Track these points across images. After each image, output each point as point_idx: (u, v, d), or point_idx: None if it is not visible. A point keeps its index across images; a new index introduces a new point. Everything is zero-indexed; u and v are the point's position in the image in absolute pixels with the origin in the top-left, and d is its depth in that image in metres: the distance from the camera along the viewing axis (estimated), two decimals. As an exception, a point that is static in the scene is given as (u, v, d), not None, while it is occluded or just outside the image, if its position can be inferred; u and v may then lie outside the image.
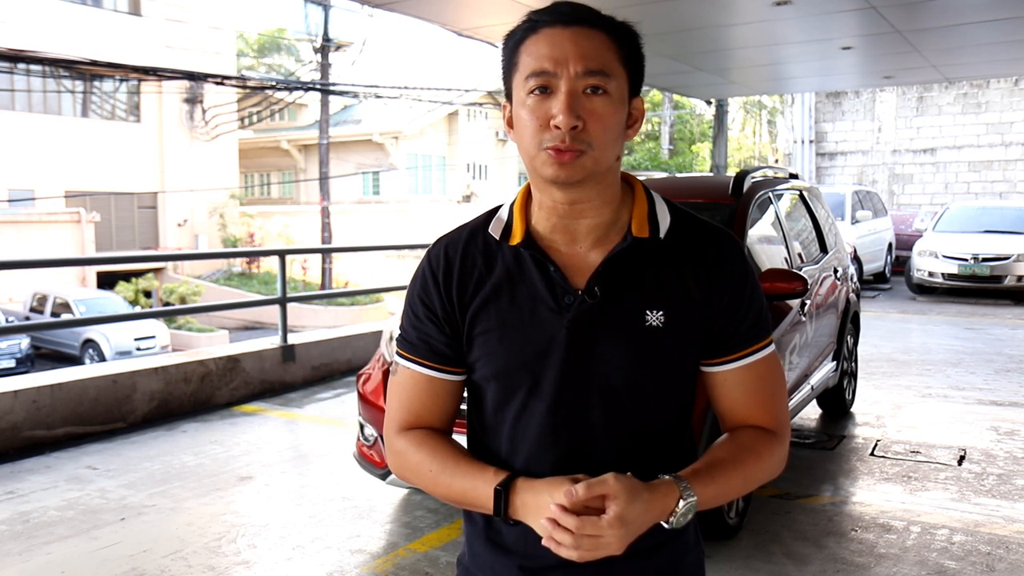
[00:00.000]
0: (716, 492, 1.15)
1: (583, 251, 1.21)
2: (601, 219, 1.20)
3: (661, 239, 1.21)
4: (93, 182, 24.10)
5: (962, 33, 8.20)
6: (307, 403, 6.08)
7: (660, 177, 5.70)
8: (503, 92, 1.22)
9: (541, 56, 1.12)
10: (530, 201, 1.25)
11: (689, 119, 31.51)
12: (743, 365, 1.23)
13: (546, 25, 1.14)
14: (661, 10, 7.17)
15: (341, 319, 19.66)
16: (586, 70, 1.11)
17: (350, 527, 3.76)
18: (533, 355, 1.19)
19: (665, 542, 1.22)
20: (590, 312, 1.18)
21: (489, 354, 1.21)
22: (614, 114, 1.14)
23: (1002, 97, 18.68)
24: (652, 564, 1.22)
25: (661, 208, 1.24)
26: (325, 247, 22.32)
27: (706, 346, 1.22)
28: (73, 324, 16.47)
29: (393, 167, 30.87)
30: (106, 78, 23.11)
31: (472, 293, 1.22)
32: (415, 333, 1.26)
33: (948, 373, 7.08)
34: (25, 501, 4.06)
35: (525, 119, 1.14)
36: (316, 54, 24.36)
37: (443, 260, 1.25)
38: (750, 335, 1.23)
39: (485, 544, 1.27)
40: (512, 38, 1.18)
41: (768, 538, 3.64)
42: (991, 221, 13.00)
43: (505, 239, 1.23)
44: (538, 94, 1.12)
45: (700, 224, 1.25)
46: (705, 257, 1.21)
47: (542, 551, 1.16)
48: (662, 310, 1.18)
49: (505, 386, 1.21)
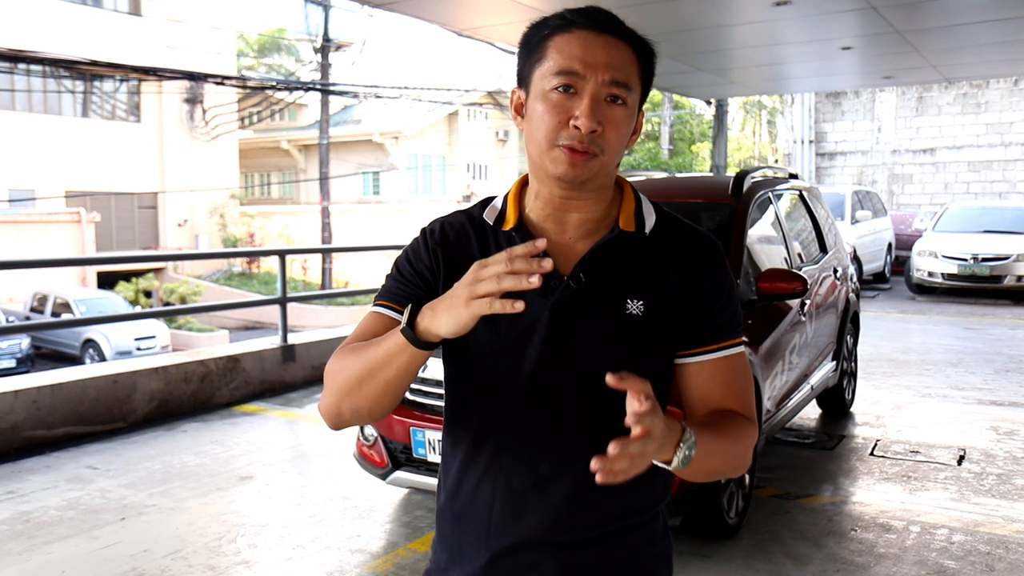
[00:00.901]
0: (708, 447, 1.12)
1: (572, 241, 1.25)
2: (593, 214, 1.25)
3: (646, 235, 1.26)
4: (93, 182, 24.10)
5: (962, 33, 8.20)
6: (307, 403, 6.08)
7: (660, 177, 5.70)
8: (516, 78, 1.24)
9: (573, 56, 1.16)
10: (524, 191, 1.30)
11: (689, 119, 31.50)
12: (718, 357, 1.26)
13: (580, 27, 1.18)
14: (661, 10, 7.17)
15: (341, 319, 19.67)
16: (612, 80, 1.16)
17: (350, 527, 3.77)
18: (516, 334, 1.22)
19: (626, 530, 1.25)
20: (574, 296, 1.22)
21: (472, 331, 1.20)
22: (627, 124, 1.20)
23: (1002, 97, 18.68)
24: (612, 551, 1.25)
25: (647, 207, 1.29)
26: (325, 247, 22.32)
27: (683, 338, 1.25)
28: (73, 324, 16.48)
29: (393, 167, 30.88)
30: (106, 78, 23.10)
31: (460, 267, 1.21)
32: (395, 285, 1.27)
33: (948, 373, 7.08)
34: (25, 501, 4.06)
35: (543, 112, 1.17)
36: (316, 54, 24.36)
37: (439, 232, 1.29)
38: (726, 330, 1.26)
39: (454, 525, 1.29)
40: (540, 29, 1.21)
41: (768, 538, 3.64)
42: (991, 221, 13.00)
43: (499, 224, 1.28)
44: (562, 92, 1.16)
45: (684, 226, 1.30)
46: (688, 256, 1.26)
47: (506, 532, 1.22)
48: (642, 300, 1.22)
49: (484, 362, 1.24)
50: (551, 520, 1.22)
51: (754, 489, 3.92)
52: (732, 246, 4.12)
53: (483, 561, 1.26)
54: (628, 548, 1.26)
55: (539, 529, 1.22)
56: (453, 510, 1.30)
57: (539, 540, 1.23)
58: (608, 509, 1.24)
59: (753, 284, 4.03)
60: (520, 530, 1.23)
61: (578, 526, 1.23)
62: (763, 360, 3.93)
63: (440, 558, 1.33)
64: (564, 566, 1.23)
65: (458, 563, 1.29)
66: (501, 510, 1.23)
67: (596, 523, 1.23)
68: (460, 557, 1.29)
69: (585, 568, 1.24)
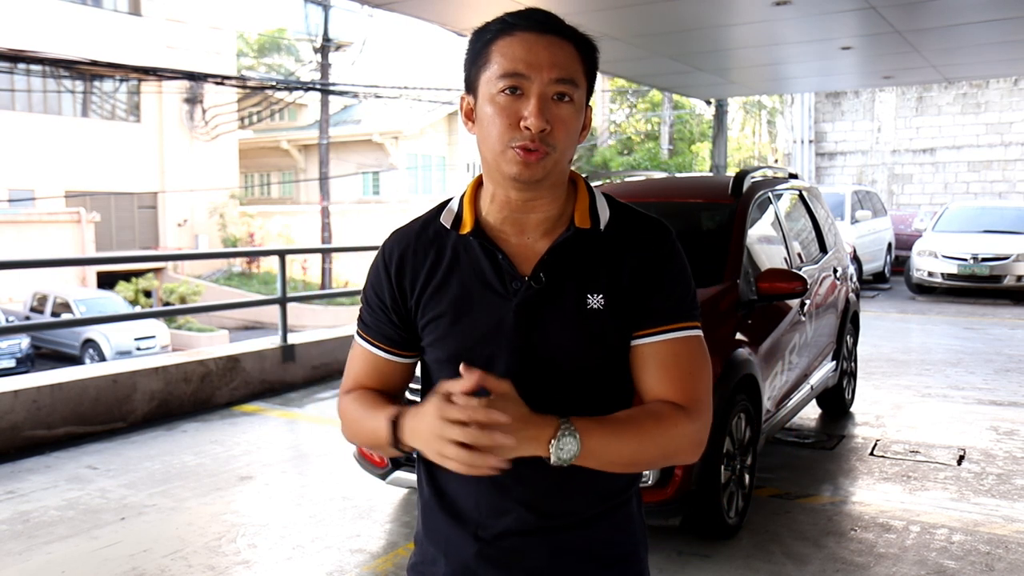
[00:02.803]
0: (603, 442, 1.16)
1: (531, 241, 1.28)
2: (550, 213, 1.28)
3: (601, 230, 1.28)
4: (93, 182, 24.10)
5: (962, 33, 8.20)
6: (307, 403, 6.08)
7: (660, 177, 5.70)
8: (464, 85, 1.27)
9: (516, 59, 1.18)
10: (479, 193, 1.32)
11: (689, 119, 31.48)
12: (662, 340, 1.26)
13: (522, 29, 1.20)
14: (661, 10, 7.17)
15: (341, 319, 19.66)
16: (558, 78, 1.18)
17: (350, 527, 3.77)
18: (483, 338, 1.25)
19: (605, 512, 1.30)
20: (536, 296, 1.25)
21: (441, 338, 1.28)
22: (576, 120, 1.22)
23: (1001, 97, 18.69)
24: (595, 532, 1.29)
25: (601, 203, 1.31)
26: (325, 247, 22.33)
27: (633, 321, 1.26)
28: (73, 324, 16.48)
29: (393, 167, 30.88)
30: (106, 78, 23.11)
31: (424, 282, 1.29)
32: (370, 318, 1.36)
33: (947, 373, 7.08)
34: (25, 501, 4.06)
35: (492, 116, 1.19)
36: (316, 54, 24.38)
37: (395, 253, 1.32)
38: (673, 313, 1.27)
39: (440, 515, 1.32)
40: (483, 35, 1.23)
41: (768, 538, 3.64)
42: (990, 221, 13.00)
43: (455, 228, 1.30)
44: (509, 94, 1.18)
45: (636, 216, 1.32)
46: (640, 244, 1.28)
47: (495, 521, 1.26)
48: (602, 294, 1.25)
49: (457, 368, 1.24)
50: (536, 509, 1.26)
51: (754, 489, 3.91)
52: (732, 246, 4.12)
53: (472, 551, 1.29)
54: (610, 528, 1.31)
55: (525, 518, 1.26)
56: (438, 504, 1.33)
57: (525, 528, 1.26)
58: (589, 493, 1.28)
59: (753, 284, 4.03)
60: (507, 521, 1.27)
61: (561, 512, 1.27)
62: (763, 360, 3.94)
63: (426, 551, 1.36)
64: (552, 551, 1.27)
65: (445, 555, 1.32)
66: (487, 503, 1.27)
67: (579, 507, 1.27)
68: (447, 548, 1.32)
69: (572, 550, 1.28)
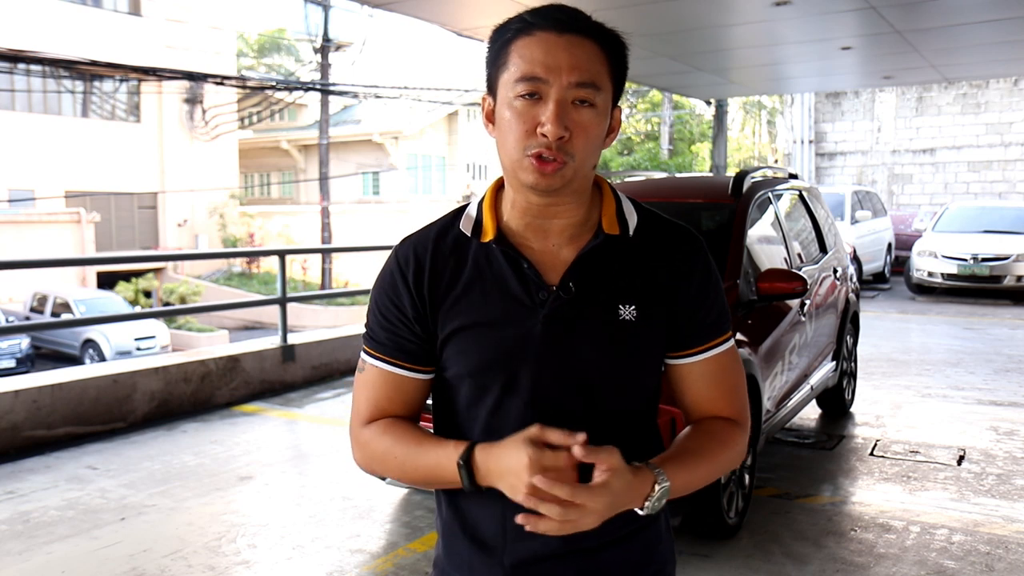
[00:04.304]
0: (686, 479, 1.17)
1: (555, 248, 1.22)
2: (574, 219, 1.22)
3: (630, 236, 1.23)
4: (93, 182, 24.10)
5: (962, 33, 8.20)
6: (307, 403, 6.08)
7: (660, 177, 5.70)
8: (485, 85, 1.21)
9: (534, 61, 1.12)
10: (500, 198, 1.25)
11: (689, 119, 31.49)
12: (708, 357, 1.25)
13: (541, 29, 1.13)
14: (661, 10, 7.17)
15: (341, 319, 19.65)
16: (578, 82, 1.12)
17: (350, 527, 3.77)
18: (508, 351, 1.19)
19: (638, 530, 1.25)
20: (565, 307, 1.19)
21: (463, 351, 1.21)
22: (598, 126, 1.15)
23: (1001, 97, 18.69)
24: (627, 553, 1.25)
25: (628, 207, 1.26)
26: (325, 247, 22.31)
27: (672, 340, 1.24)
28: (73, 324, 16.47)
29: (393, 167, 30.87)
30: (106, 78, 23.11)
31: (444, 291, 1.22)
32: (383, 333, 1.25)
33: (947, 373, 7.08)
34: (25, 501, 4.06)
35: (510, 121, 1.14)
36: (316, 54, 24.36)
37: (412, 259, 1.24)
38: (714, 329, 1.25)
39: (463, 540, 1.26)
40: (503, 34, 1.17)
41: (768, 538, 3.64)
42: (990, 221, 13.00)
43: (476, 236, 1.23)
44: (526, 98, 1.12)
45: (666, 223, 1.27)
46: (673, 254, 1.24)
47: (522, 545, 1.19)
48: (634, 304, 1.20)
49: (479, 383, 1.21)
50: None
51: (754, 489, 3.92)
52: (732, 246, 4.12)
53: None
54: (640, 547, 1.27)
55: (555, 542, 1.18)
56: (460, 528, 1.26)
57: (557, 552, 1.21)
58: (620, 514, 1.21)
59: (753, 284, 4.03)
60: (535, 545, 1.20)
61: (593, 533, 1.18)
62: (763, 360, 3.93)
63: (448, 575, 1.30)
64: (583, 572, 1.22)
65: None
66: (512, 528, 1.17)
67: (612, 527, 1.19)
68: (471, 574, 1.26)
69: (603, 571, 1.23)
